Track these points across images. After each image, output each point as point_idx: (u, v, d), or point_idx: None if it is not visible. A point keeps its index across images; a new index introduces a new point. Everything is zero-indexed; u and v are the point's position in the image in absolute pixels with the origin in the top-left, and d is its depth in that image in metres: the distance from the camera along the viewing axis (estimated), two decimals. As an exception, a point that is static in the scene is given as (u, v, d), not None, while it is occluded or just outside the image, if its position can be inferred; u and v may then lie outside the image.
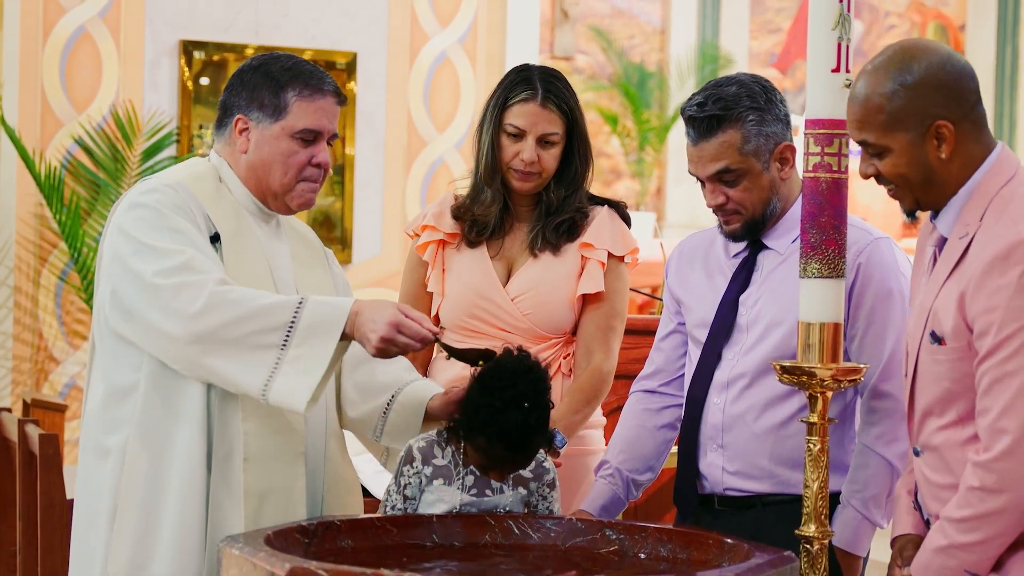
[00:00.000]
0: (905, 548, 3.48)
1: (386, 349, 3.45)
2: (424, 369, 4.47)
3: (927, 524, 3.48)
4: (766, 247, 3.95)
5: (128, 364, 3.58)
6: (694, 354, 4.02)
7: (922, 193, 3.36)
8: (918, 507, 3.51)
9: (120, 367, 3.60)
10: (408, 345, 3.47)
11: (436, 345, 4.46)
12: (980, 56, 13.76)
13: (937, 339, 3.30)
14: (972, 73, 3.36)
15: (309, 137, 3.67)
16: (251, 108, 3.68)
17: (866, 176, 3.40)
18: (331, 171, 3.83)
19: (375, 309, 3.47)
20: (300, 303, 3.46)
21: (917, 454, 3.43)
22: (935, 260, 3.40)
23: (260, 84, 3.67)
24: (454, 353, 3.69)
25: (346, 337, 3.48)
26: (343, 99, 3.75)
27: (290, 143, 3.66)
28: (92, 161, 9.51)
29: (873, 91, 3.32)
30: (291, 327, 3.44)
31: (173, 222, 3.55)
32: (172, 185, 3.62)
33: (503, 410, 3.48)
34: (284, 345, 3.44)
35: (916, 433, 3.42)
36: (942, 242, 3.38)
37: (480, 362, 3.59)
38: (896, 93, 3.29)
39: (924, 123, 3.30)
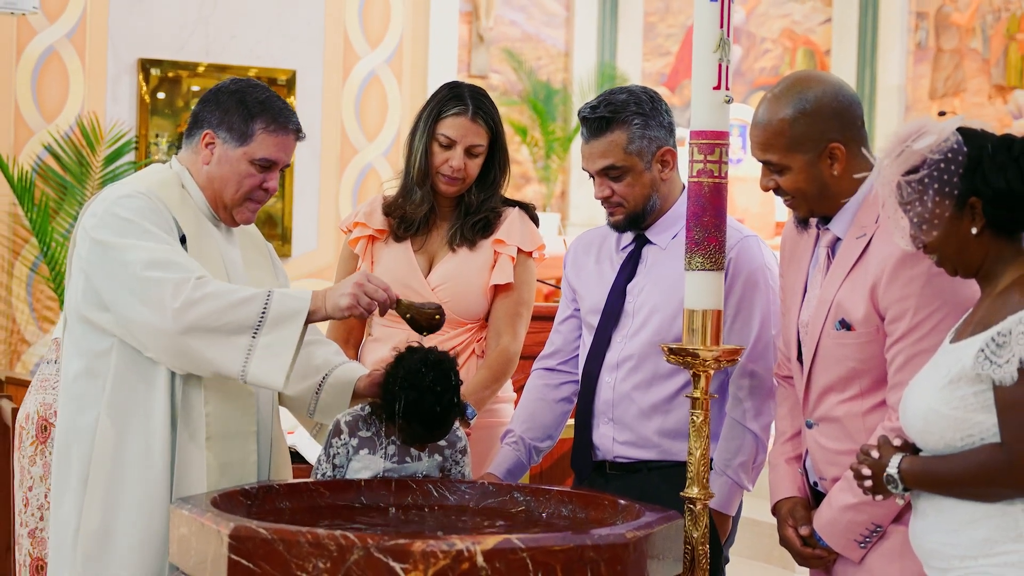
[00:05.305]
0: (795, 510, 3.49)
1: (354, 306, 3.47)
2: (356, 350, 4.45)
3: (812, 488, 3.50)
4: (650, 242, 3.95)
5: (97, 348, 3.55)
6: (587, 337, 4.02)
7: (816, 204, 3.40)
8: (804, 473, 3.52)
9: (90, 350, 3.56)
10: (370, 305, 3.49)
11: (367, 330, 4.45)
12: (843, 77, 13.86)
13: (846, 326, 3.31)
14: (859, 100, 3.42)
15: (266, 165, 3.65)
16: (220, 128, 3.64)
17: (766, 189, 3.44)
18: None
19: (340, 284, 3.51)
20: (268, 296, 3.46)
21: (810, 426, 3.45)
22: (829, 259, 3.42)
23: (233, 109, 3.63)
24: (412, 311, 3.62)
25: (309, 321, 3.48)
26: (302, 136, 3.73)
27: (248, 167, 3.64)
28: (60, 166, 9.42)
29: (775, 116, 3.35)
30: (262, 317, 3.43)
31: (150, 226, 3.52)
32: (144, 192, 3.58)
33: (419, 400, 3.49)
34: (255, 334, 3.43)
35: (812, 408, 3.43)
36: (835, 243, 3.41)
37: (437, 317, 3.58)
38: (796, 119, 3.33)
39: (820, 145, 3.33)
